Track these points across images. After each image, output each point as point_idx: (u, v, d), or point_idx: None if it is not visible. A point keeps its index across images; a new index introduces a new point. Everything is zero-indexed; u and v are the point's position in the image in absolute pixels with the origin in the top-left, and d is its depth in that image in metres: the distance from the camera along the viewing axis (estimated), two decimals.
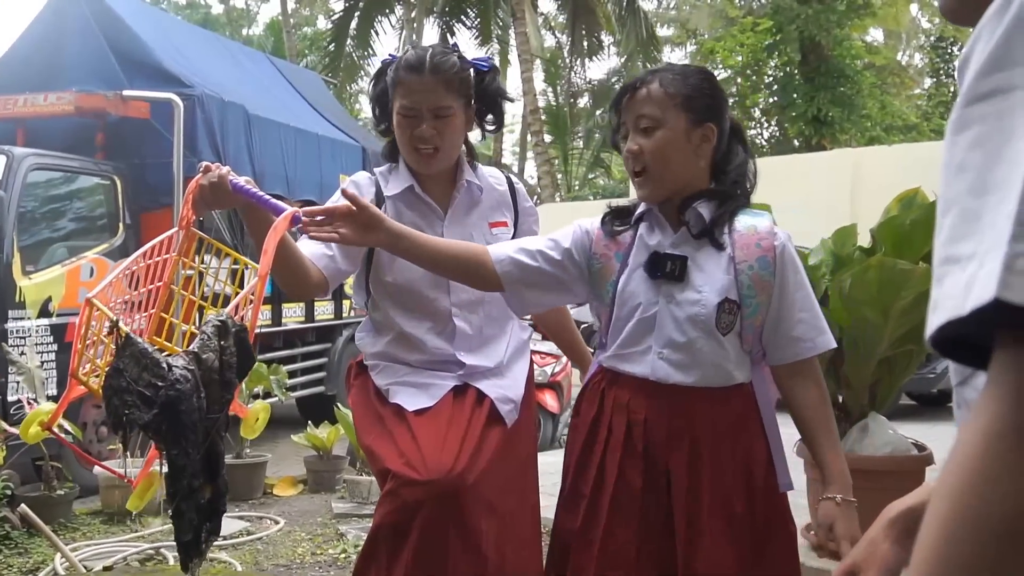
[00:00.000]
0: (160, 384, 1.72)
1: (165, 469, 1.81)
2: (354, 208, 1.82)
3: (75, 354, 2.01)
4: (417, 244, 1.90)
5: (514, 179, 2.49)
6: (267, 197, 2.01)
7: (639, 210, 1.94)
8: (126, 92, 6.09)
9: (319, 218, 1.84)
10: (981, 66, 0.51)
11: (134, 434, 1.80)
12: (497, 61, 21.01)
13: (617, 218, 1.96)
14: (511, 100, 2.48)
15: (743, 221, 1.89)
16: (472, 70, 2.29)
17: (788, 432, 1.96)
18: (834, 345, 1.93)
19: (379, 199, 2.28)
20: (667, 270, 1.85)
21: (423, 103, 2.20)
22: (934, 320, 0.50)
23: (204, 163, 2.04)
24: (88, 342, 2.02)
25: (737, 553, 1.81)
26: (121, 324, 1.87)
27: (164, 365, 1.74)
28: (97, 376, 1.98)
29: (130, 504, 2.22)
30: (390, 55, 2.36)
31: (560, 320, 2.52)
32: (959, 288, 0.48)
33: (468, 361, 2.25)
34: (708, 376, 1.84)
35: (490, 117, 2.37)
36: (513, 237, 2.36)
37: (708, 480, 1.82)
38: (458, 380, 2.23)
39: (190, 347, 1.85)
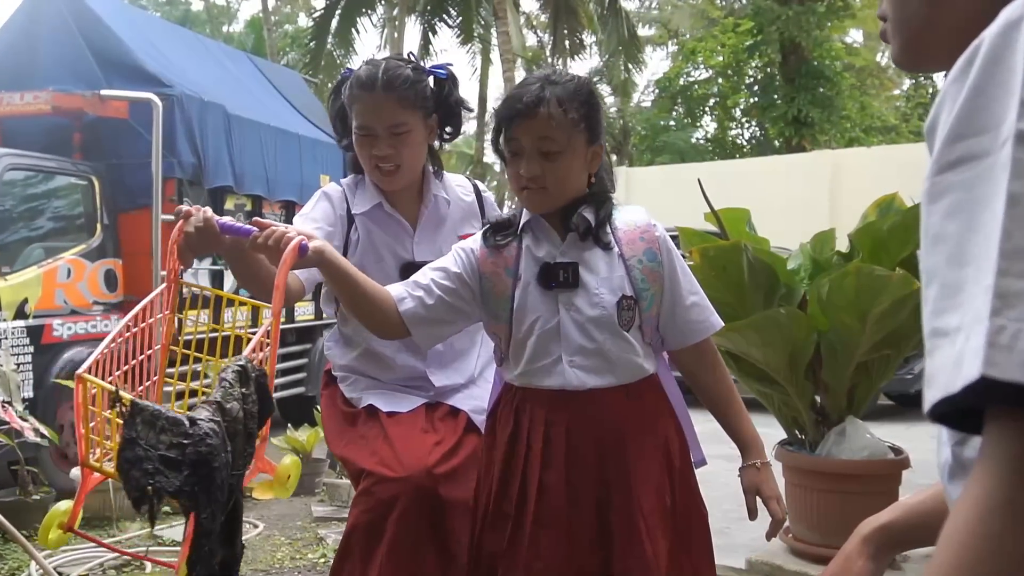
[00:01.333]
0: (186, 442, 1.54)
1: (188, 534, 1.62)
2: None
3: (81, 440, 1.79)
4: (341, 271, 1.85)
5: (480, 187, 2.46)
6: (242, 225, 1.88)
7: (522, 221, 1.92)
8: (104, 92, 6.02)
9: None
10: (948, 133, 0.51)
11: (161, 504, 1.62)
12: (479, 60, 21.05)
13: (497, 232, 1.94)
14: (470, 110, 2.39)
15: (621, 218, 1.93)
16: (431, 79, 2.25)
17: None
18: (722, 324, 2.00)
19: (349, 216, 2.27)
20: (561, 279, 1.86)
21: (378, 122, 2.16)
22: (930, 395, 0.51)
23: (184, 207, 1.89)
24: (92, 423, 1.80)
25: (669, 545, 1.84)
26: (122, 393, 1.69)
27: (185, 421, 1.56)
28: (111, 460, 1.76)
29: None
30: (347, 69, 2.32)
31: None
32: (949, 363, 0.49)
33: (439, 382, 2.25)
34: (622, 375, 1.87)
35: (448, 128, 2.32)
36: None
37: (639, 479, 1.84)
38: (429, 399, 2.23)
39: (211, 396, 1.66)
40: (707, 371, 1.98)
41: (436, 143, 2.34)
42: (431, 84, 2.25)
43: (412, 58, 2.30)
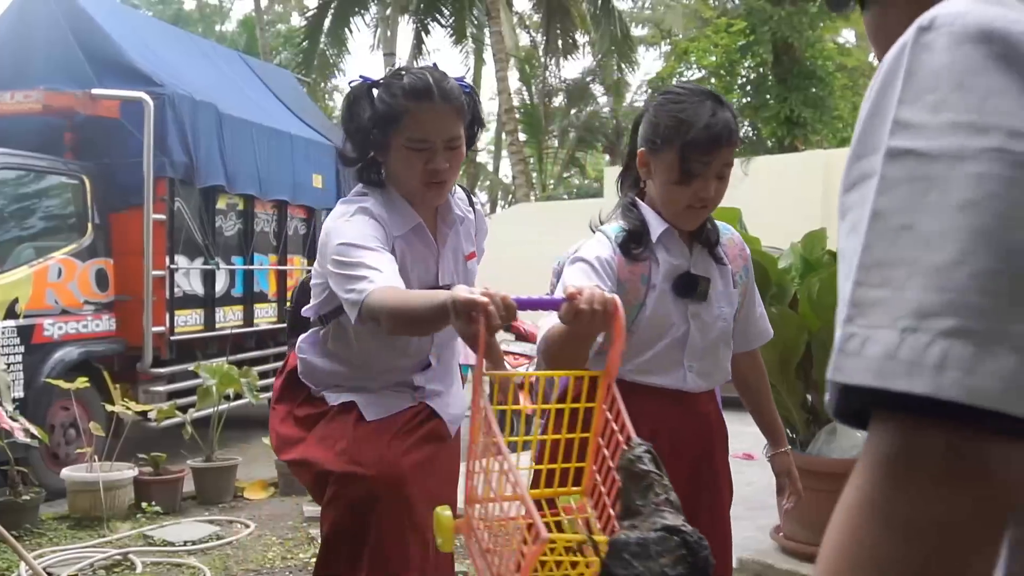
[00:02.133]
0: (685, 552, 1.16)
1: None
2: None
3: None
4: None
5: (475, 200, 2.35)
6: (547, 297, 1.74)
7: (659, 232, 1.99)
8: (95, 91, 6.01)
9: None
10: (850, 154, 0.53)
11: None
12: (472, 60, 21.02)
13: (633, 242, 1.99)
14: (482, 125, 2.28)
15: (721, 234, 2.10)
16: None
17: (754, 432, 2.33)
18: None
19: (389, 239, 2.07)
20: (697, 291, 2.00)
21: (437, 135, 2.02)
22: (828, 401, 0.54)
23: (483, 291, 1.48)
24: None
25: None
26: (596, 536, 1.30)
27: (670, 534, 1.17)
28: None
29: None
30: (361, 77, 2.16)
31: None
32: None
33: (424, 384, 2.23)
34: (718, 380, 2.10)
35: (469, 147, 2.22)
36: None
37: (723, 477, 2.12)
38: (414, 401, 2.21)
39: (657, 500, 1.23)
40: (759, 372, 2.23)
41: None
42: (469, 97, 2.15)
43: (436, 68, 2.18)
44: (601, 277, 1.91)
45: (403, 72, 2.09)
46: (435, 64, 2.23)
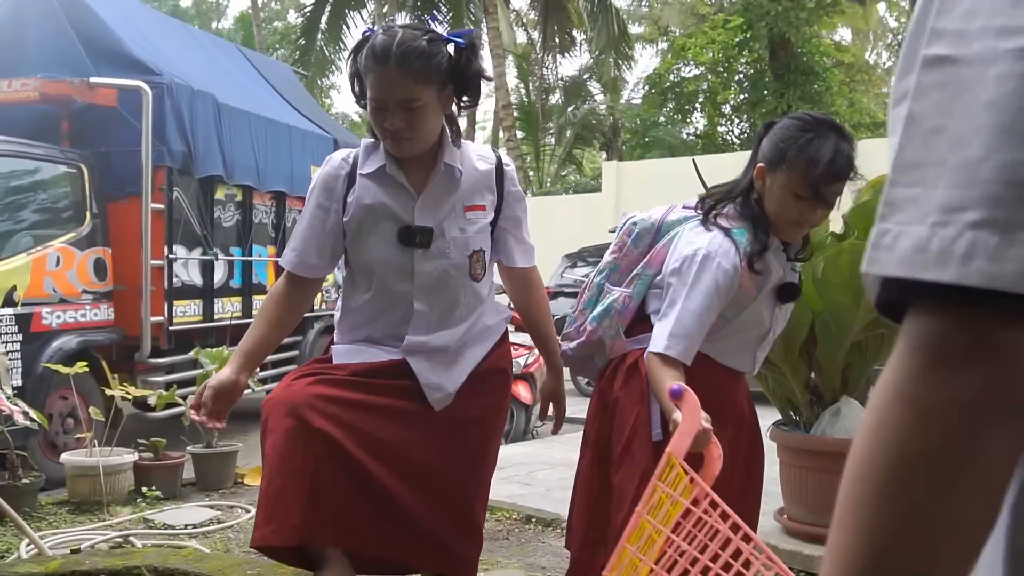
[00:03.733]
0: None
1: None
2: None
3: None
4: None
5: (506, 161, 2.42)
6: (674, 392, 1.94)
7: (775, 246, 2.25)
8: (93, 79, 5.99)
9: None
10: (896, 72, 0.57)
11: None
12: None
13: (757, 256, 2.21)
14: (489, 79, 2.37)
15: None
16: (451, 47, 2.21)
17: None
18: None
19: (351, 177, 2.29)
20: (790, 297, 2.32)
21: (390, 97, 2.14)
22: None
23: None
24: None
25: None
26: None
27: None
28: None
29: None
30: (369, 29, 2.28)
31: (538, 312, 2.51)
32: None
33: (411, 335, 2.26)
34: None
35: (466, 98, 2.29)
36: (495, 221, 2.35)
37: (754, 431, 2.48)
38: (399, 354, 2.26)
39: None
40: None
41: (455, 110, 2.32)
42: (449, 53, 2.21)
43: (429, 24, 2.26)
44: (727, 288, 2.18)
45: (381, 30, 2.19)
46: (426, 19, 2.32)
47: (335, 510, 2.06)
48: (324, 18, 19.09)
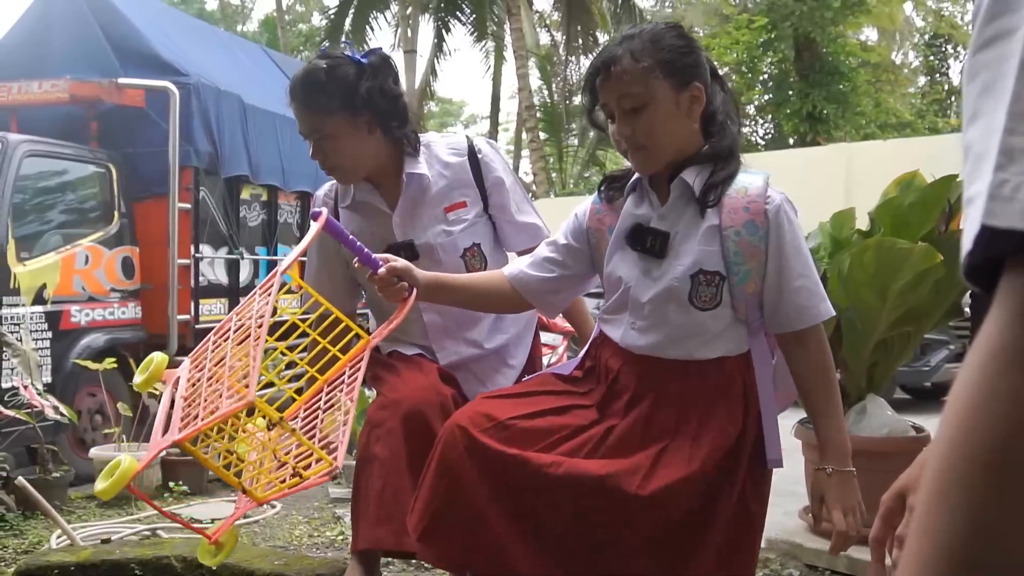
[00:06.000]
0: None
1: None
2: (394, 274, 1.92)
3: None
4: (446, 288, 1.99)
5: (480, 148, 2.34)
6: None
7: (632, 178, 1.89)
8: (121, 80, 6.05)
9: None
10: (984, 13, 0.52)
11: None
12: (492, 58, 21.03)
13: (610, 185, 1.94)
14: (398, 95, 2.26)
15: (738, 184, 1.80)
16: (356, 69, 2.18)
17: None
18: (833, 313, 1.87)
19: (336, 212, 2.34)
20: (647, 245, 1.82)
21: (304, 130, 2.22)
22: (961, 260, 0.52)
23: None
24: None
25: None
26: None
27: None
28: (272, 486, 1.77)
29: (203, 558, 1.86)
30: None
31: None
32: (968, 225, 0.50)
33: (437, 348, 2.30)
34: (675, 350, 1.81)
35: (393, 122, 2.23)
36: (484, 211, 2.34)
37: (690, 447, 1.79)
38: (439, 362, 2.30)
39: None
40: (804, 361, 1.83)
41: (389, 130, 2.25)
42: (352, 75, 2.18)
43: (344, 49, 2.24)
44: (562, 233, 2.00)
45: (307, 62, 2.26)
46: (344, 43, 2.44)
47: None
48: (348, 20, 19.19)
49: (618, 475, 1.73)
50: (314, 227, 1.84)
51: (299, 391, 2.03)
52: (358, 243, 1.89)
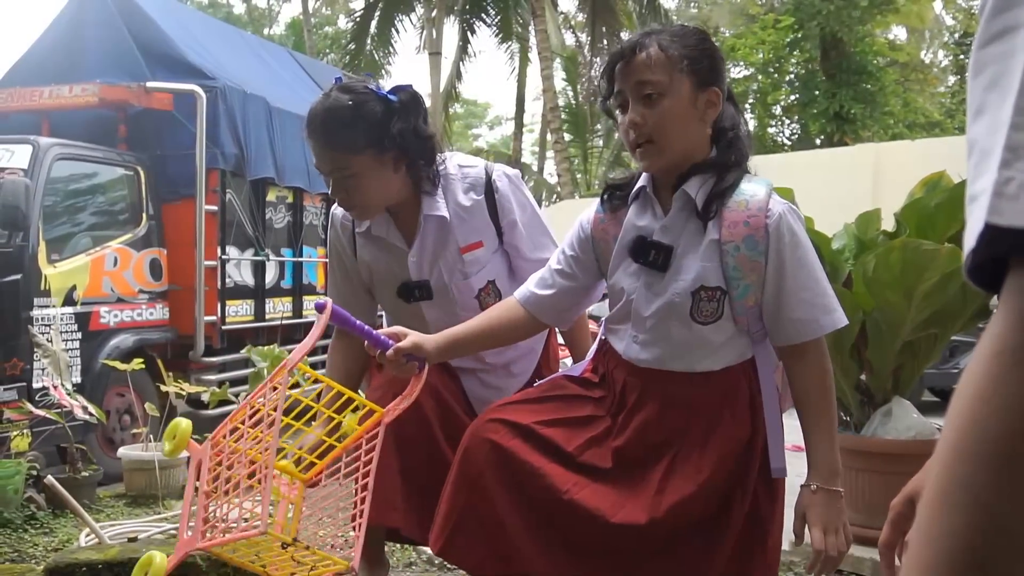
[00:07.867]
0: None
1: None
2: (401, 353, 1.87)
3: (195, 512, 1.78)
4: (460, 345, 1.96)
5: (497, 186, 2.23)
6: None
7: (635, 187, 1.85)
8: (149, 84, 6.13)
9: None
10: (991, 7, 0.52)
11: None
12: (516, 59, 21.04)
13: (614, 193, 1.90)
14: (430, 136, 2.15)
15: (737, 195, 1.77)
16: (385, 107, 2.08)
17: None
18: (842, 324, 1.82)
19: (353, 236, 2.29)
20: (650, 259, 1.79)
21: (324, 168, 2.10)
22: (963, 259, 0.51)
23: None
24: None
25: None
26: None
27: None
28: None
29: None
30: (337, 77, 2.25)
31: (575, 330, 2.36)
32: (972, 223, 0.49)
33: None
34: (677, 363, 1.81)
35: (421, 160, 2.13)
36: (499, 245, 2.28)
37: (697, 459, 1.79)
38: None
39: None
40: (801, 375, 1.80)
41: (414, 168, 2.16)
42: (380, 113, 2.07)
43: (367, 82, 2.14)
44: (568, 243, 1.98)
45: (322, 95, 2.13)
46: (367, 75, 2.30)
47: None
48: (374, 23, 19.29)
49: (627, 510, 1.76)
50: (320, 319, 1.78)
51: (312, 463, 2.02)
52: (366, 327, 1.86)
